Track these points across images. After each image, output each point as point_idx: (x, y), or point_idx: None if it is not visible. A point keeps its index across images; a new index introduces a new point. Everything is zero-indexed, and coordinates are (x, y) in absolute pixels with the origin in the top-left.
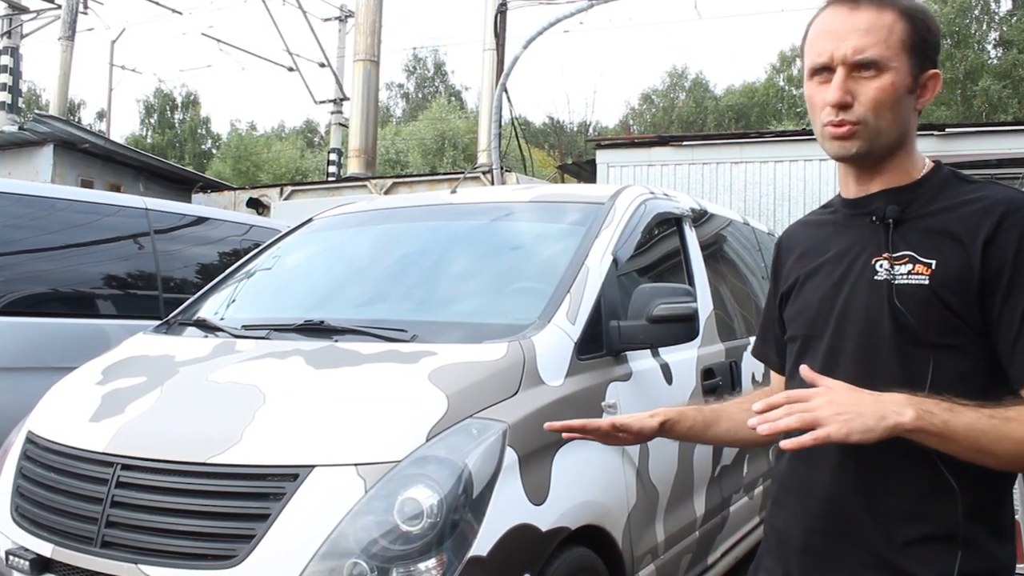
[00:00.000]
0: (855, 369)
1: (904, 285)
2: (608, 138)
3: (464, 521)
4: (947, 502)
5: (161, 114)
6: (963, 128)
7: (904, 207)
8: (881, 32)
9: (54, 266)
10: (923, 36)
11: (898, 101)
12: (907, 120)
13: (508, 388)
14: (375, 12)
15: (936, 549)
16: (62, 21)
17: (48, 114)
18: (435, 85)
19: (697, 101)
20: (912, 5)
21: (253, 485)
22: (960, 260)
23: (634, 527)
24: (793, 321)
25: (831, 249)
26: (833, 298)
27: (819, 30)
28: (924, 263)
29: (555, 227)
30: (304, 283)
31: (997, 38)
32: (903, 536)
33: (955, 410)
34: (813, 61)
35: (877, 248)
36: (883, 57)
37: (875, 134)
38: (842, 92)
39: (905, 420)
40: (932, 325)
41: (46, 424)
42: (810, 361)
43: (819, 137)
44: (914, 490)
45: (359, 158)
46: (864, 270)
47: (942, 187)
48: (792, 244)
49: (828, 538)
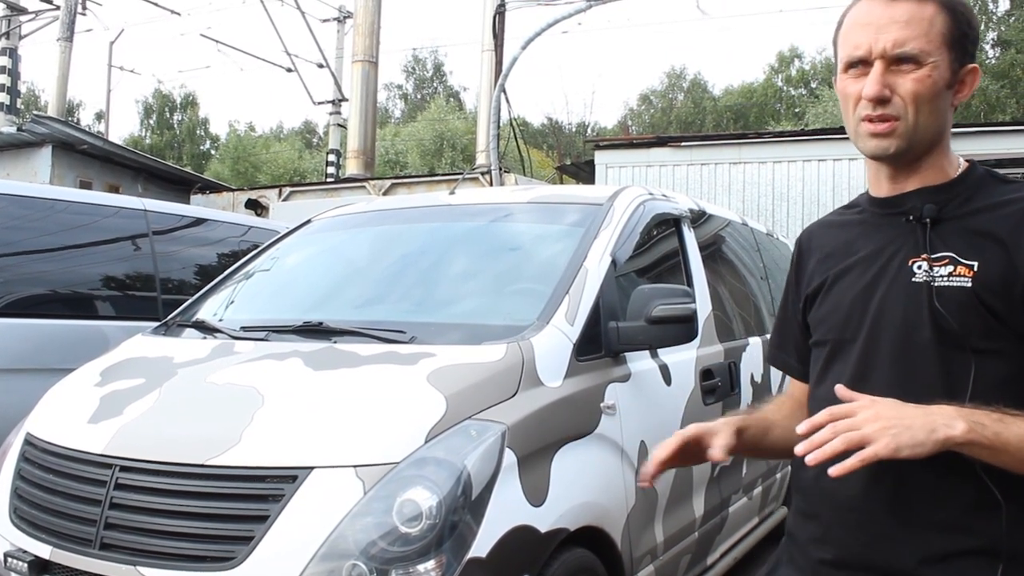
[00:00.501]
0: (892, 374)
1: (945, 287)
2: (607, 139)
3: (463, 522)
4: (991, 515)
5: (160, 115)
6: (961, 128)
7: (941, 206)
8: (922, 25)
9: (52, 267)
10: (963, 30)
11: (937, 96)
12: (945, 116)
13: (507, 389)
14: (374, 13)
15: (977, 563)
16: (60, 22)
17: (46, 115)
18: (434, 86)
19: (696, 102)
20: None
21: (252, 487)
22: (1003, 262)
23: (633, 528)
24: (820, 325)
25: (861, 250)
26: (866, 301)
27: (855, 21)
28: (966, 265)
29: (554, 228)
30: (303, 284)
31: (995, 38)
32: (942, 550)
33: (1006, 420)
34: (849, 54)
35: (914, 249)
36: (924, 51)
37: (914, 130)
38: (881, 86)
39: (956, 433)
40: (975, 329)
41: (45, 426)
42: (841, 367)
43: (852, 134)
44: (956, 503)
45: (358, 159)
46: (900, 271)
47: (979, 186)
48: (814, 245)
49: (861, 551)
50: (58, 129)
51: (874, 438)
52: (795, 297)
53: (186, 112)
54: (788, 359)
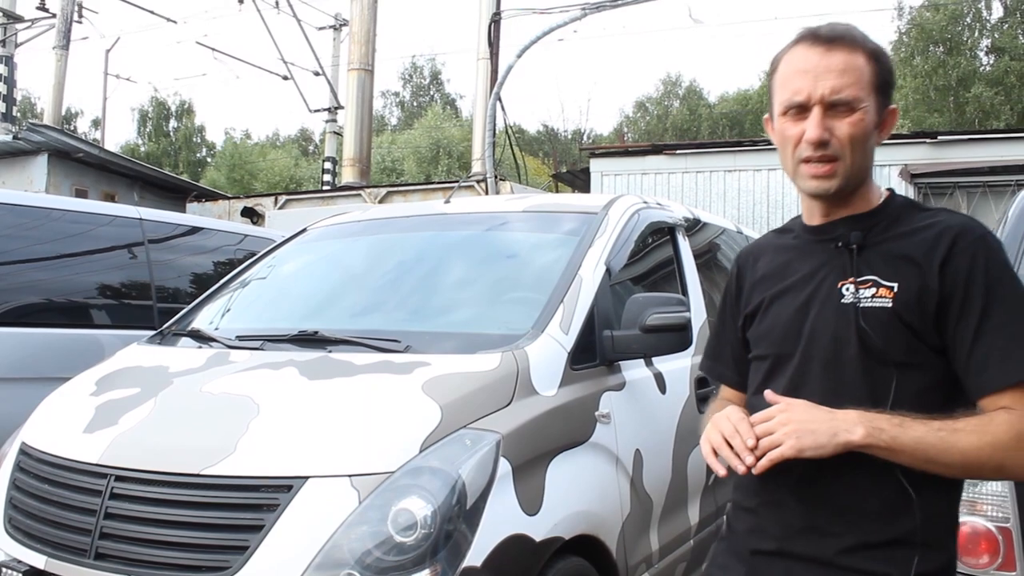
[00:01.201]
0: (823, 386)
1: (869, 308)
2: (602, 147)
3: (458, 531)
4: (906, 509)
5: (156, 122)
6: (955, 136)
7: (866, 233)
8: (855, 73)
9: (48, 276)
10: (885, 77)
11: (868, 137)
12: (872, 153)
13: (502, 398)
14: (369, 22)
15: (895, 552)
16: (56, 30)
17: (42, 123)
18: (430, 93)
19: (691, 109)
20: (877, 47)
21: (247, 496)
22: (919, 282)
23: (628, 536)
24: (761, 341)
25: (796, 273)
26: (801, 320)
27: (794, 68)
28: (887, 286)
29: (548, 237)
30: (298, 293)
31: (989, 45)
32: (862, 541)
33: (904, 425)
34: (789, 99)
35: (842, 272)
36: (857, 97)
37: (850, 170)
38: (822, 129)
39: (855, 438)
40: (896, 345)
41: (40, 435)
42: (779, 379)
43: (791, 173)
44: (876, 498)
45: (353, 167)
46: (831, 293)
47: (899, 214)
48: (752, 266)
49: (796, 542)
50: (54, 137)
51: (781, 441)
52: (734, 314)
53: (182, 120)
54: (724, 370)
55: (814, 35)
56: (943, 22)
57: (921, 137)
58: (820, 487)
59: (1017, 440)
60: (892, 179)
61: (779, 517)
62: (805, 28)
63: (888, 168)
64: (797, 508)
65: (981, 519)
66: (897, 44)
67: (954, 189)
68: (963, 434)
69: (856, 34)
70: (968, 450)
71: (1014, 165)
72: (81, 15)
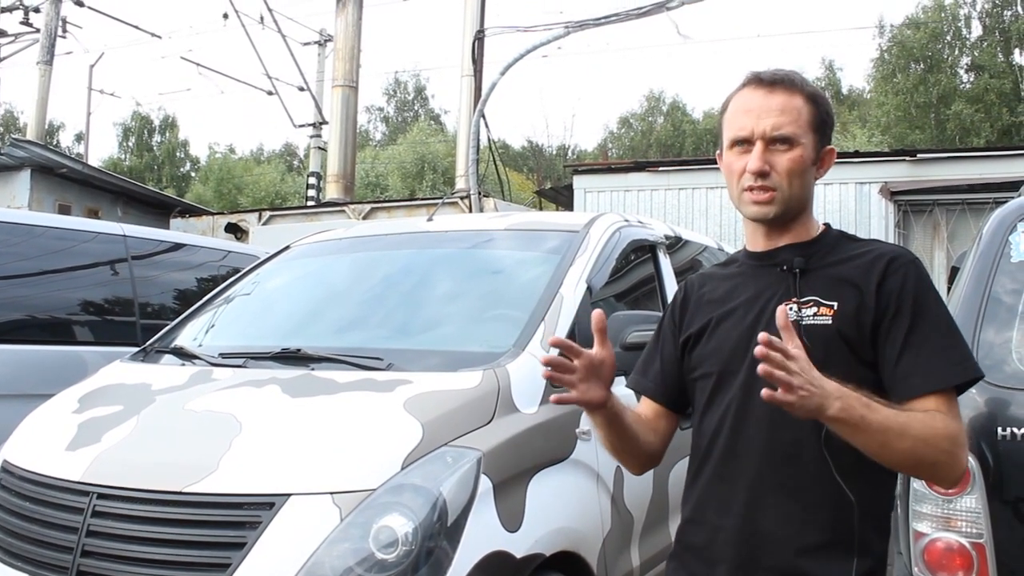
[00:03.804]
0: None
1: (811, 325)
2: (585, 164)
3: (439, 548)
4: (845, 512)
5: (139, 137)
6: (935, 154)
7: (807, 259)
8: (793, 112)
9: (31, 293)
10: (823, 117)
11: (805, 171)
12: (811, 187)
13: (483, 416)
14: (354, 38)
15: (837, 554)
16: (40, 45)
17: (25, 139)
18: (415, 109)
19: (675, 124)
20: (815, 91)
21: (229, 514)
22: (856, 301)
23: (609, 552)
24: (706, 360)
25: (742, 295)
26: (748, 338)
27: (739, 108)
28: (827, 305)
29: (530, 255)
30: (281, 311)
31: (968, 63)
32: (809, 543)
33: (871, 407)
34: (735, 134)
35: (786, 293)
36: (795, 134)
37: (788, 198)
38: (762, 162)
39: (830, 411)
40: (835, 359)
41: (22, 453)
42: (726, 395)
43: (736, 200)
44: (817, 503)
45: (337, 183)
46: (775, 313)
47: (835, 244)
48: (697, 291)
49: (743, 549)
50: (37, 153)
51: (792, 383)
52: (673, 336)
53: (165, 134)
54: (648, 384)
55: (758, 78)
56: (924, 40)
57: (901, 155)
58: (768, 495)
59: (950, 439)
60: (872, 197)
61: (725, 525)
62: (751, 72)
63: (868, 186)
64: (743, 516)
65: (955, 535)
66: (879, 61)
67: (934, 207)
68: (915, 421)
69: (796, 78)
70: (918, 436)
71: (993, 183)
72: (65, 30)
